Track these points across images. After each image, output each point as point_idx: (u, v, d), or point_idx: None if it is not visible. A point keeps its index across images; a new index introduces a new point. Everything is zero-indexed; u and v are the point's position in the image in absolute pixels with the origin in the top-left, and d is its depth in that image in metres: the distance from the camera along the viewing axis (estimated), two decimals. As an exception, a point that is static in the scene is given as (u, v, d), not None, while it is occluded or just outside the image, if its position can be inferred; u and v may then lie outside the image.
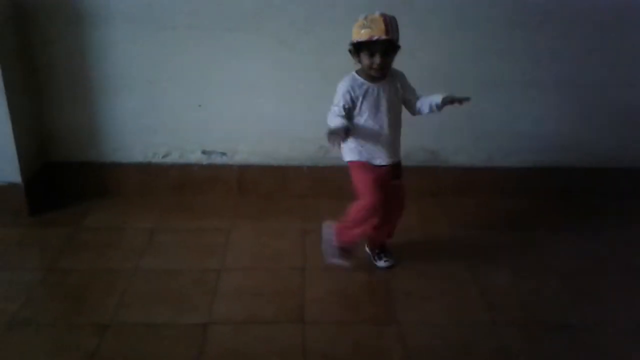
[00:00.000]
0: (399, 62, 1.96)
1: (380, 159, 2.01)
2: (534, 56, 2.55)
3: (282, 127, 2.61)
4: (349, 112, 1.93)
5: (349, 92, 1.92)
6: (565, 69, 2.57)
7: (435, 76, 2.40)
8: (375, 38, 1.81)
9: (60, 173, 2.63)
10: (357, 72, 1.96)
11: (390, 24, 1.83)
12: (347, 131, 1.85)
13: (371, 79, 1.94)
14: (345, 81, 1.95)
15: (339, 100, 1.93)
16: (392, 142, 2.02)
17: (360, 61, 1.91)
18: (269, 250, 2.29)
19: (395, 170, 2.07)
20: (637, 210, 2.68)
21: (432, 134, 2.63)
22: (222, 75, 2.53)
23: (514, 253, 2.31)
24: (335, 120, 1.89)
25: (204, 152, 2.65)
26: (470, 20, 2.45)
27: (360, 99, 1.93)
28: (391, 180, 2.06)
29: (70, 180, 2.64)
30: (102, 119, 2.58)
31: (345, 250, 2.14)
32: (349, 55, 1.93)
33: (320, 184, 2.67)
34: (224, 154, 2.66)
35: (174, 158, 2.66)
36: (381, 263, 2.19)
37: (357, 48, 1.89)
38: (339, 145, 1.92)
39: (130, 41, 2.46)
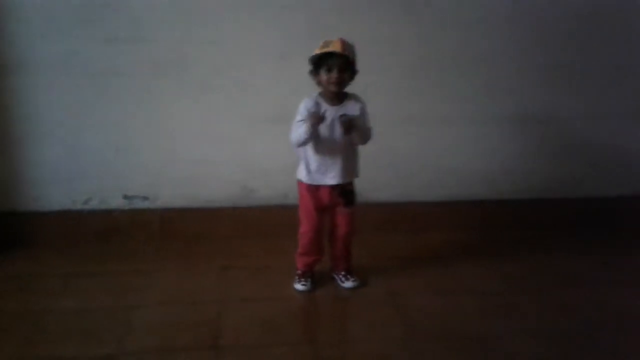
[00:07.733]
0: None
1: (329, 179, 2.10)
2: (444, 94, 2.72)
3: (204, 169, 2.65)
4: None
5: (307, 109, 2.04)
6: (473, 105, 2.74)
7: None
8: (330, 50, 1.96)
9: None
10: (319, 94, 2.09)
11: (347, 45, 1.99)
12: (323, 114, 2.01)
13: (330, 101, 2.06)
14: (305, 101, 2.07)
15: (301, 116, 2.05)
16: (344, 165, 2.10)
17: (319, 80, 2.03)
18: (188, 286, 2.26)
19: (345, 195, 2.14)
20: (551, 240, 2.80)
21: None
22: (143, 119, 2.58)
23: (435, 278, 2.37)
24: (299, 127, 2.01)
25: (125, 197, 2.65)
26: (387, 60, 2.60)
27: None
28: (338, 205, 2.15)
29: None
30: (19, 167, 2.56)
31: (304, 275, 2.23)
32: (270, 98, 2.06)
33: (243, 225, 2.69)
34: (146, 198, 2.66)
35: (95, 204, 2.63)
36: (348, 284, 2.23)
37: (317, 66, 2.02)
38: (318, 124, 2.00)
39: (48, 88, 2.49)
